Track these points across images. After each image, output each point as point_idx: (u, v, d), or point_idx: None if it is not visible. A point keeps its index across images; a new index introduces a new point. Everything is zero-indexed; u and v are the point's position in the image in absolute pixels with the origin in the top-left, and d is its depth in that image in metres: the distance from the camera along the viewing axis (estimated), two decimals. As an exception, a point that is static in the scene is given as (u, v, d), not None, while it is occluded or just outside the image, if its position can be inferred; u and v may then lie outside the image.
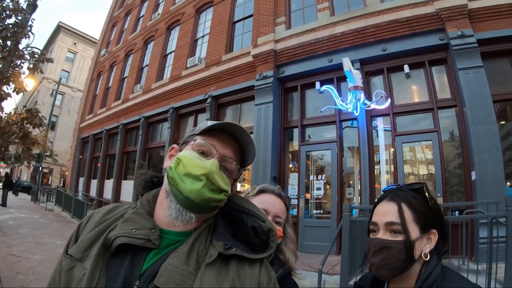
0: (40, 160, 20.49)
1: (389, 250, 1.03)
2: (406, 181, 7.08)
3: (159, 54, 14.76)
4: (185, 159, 0.87)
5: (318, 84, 8.60)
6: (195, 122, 11.96)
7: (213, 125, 0.90)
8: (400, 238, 1.04)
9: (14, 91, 6.89)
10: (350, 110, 7.75)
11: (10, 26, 6.68)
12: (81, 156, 19.56)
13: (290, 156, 9.57)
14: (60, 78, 29.38)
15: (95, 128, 18.17)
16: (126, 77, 17.12)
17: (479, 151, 6.24)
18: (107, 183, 16.15)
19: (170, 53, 14.46)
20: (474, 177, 6.29)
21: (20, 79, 6.88)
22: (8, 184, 17.87)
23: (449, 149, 7.31)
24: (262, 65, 9.66)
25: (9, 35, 6.60)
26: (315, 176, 8.68)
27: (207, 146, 0.90)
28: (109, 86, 18.80)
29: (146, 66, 15.69)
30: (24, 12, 6.73)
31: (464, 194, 6.72)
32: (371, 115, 7.92)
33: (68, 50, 43.71)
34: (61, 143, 38.02)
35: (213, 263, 0.81)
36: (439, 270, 1.01)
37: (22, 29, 6.57)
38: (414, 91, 7.96)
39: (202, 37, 13.02)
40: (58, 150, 30.23)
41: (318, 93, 8.66)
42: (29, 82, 7.34)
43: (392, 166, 7.55)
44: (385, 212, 1.09)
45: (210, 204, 0.85)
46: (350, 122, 8.41)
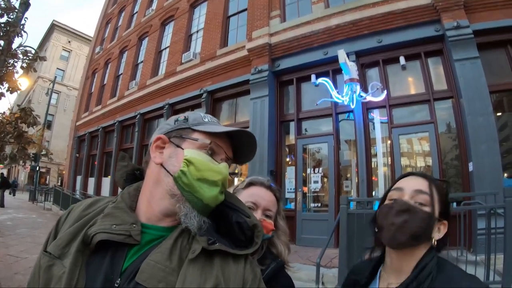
0: (37, 159, 20.39)
1: (414, 214, 1.00)
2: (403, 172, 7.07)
3: (154, 50, 14.68)
4: (197, 162, 0.84)
5: (313, 77, 8.56)
6: (191, 117, 11.88)
7: (230, 131, 0.89)
8: (426, 209, 1.01)
9: (7, 91, 6.85)
10: (346, 103, 7.73)
11: (2, 25, 6.61)
12: (78, 154, 19.49)
13: (287, 149, 9.56)
14: (55, 77, 29.29)
15: (91, 126, 18.10)
16: (121, 74, 17.03)
17: (476, 142, 6.24)
18: (105, 181, 16.12)
19: (165, 49, 14.38)
20: (471, 168, 6.29)
21: (13, 78, 6.83)
22: (4, 184, 17.81)
23: (446, 140, 7.31)
24: (257, 59, 9.61)
25: (1, 34, 6.53)
26: (312, 169, 8.67)
27: (216, 148, 0.88)
28: (104, 83, 18.71)
29: (141, 62, 15.60)
30: (16, 11, 6.66)
31: (461, 185, 6.72)
32: (367, 108, 7.90)
33: (62, 49, 43.48)
34: (57, 142, 37.97)
35: (196, 259, 0.78)
36: (435, 262, 0.98)
37: (15, 28, 6.50)
38: (410, 83, 7.94)
39: (197, 32, 12.94)
40: (54, 149, 30.25)
41: (313, 86, 8.63)
42: (23, 82, 7.29)
43: (389, 158, 7.54)
44: (416, 182, 1.07)
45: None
46: (347, 114, 8.39)
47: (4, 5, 6.52)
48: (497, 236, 4.19)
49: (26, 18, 6.69)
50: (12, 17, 6.60)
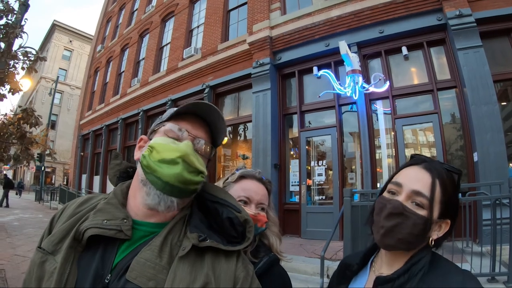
0: (42, 160, 20.51)
1: (406, 219, 0.92)
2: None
3: (155, 47, 14.68)
4: (158, 146, 0.85)
5: (315, 69, 8.52)
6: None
7: (179, 109, 0.89)
8: (422, 213, 0.93)
9: (9, 92, 6.86)
10: (348, 94, 7.68)
11: (2, 27, 6.61)
12: (82, 153, 19.61)
13: (291, 142, 9.55)
14: (57, 77, 29.33)
15: (95, 124, 18.20)
16: (123, 71, 17.05)
17: (481, 132, 6.19)
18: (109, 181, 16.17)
19: (166, 45, 14.36)
20: (476, 158, 6.24)
21: (15, 80, 6.84)
22: (8, 184, 17.98)
23: (450, 130, 7.25)
24: (258, 52, 9.57)
25: (1, 36, 6.53)
26: (316, 162, 8.65)
27: (177, 129, 0.88)
28: (106, 81, 18.74)
29: (143, 59, 15.61)
30: (15, 12, 6.65)
31: (467, 176, 6.66)
32: (370, 99, 7.86)
33: (64, 48, 43.53)
34: (62, 142, 38.17)
35: (186, 256, 0.78)
36: (429, 257, 0.94)
37: (14, 29, 6.49)
38: (413, 73, 7.87)
39: (197, 27, 12.90)
40: (59, 149, 30.45)
41: (316, 78, 8.58)
42: (25, 83, 7.30)
43: (393, 149, 7.50)
44: (417, 178, 0.97)
45: (189, 187, 0.84)
46: (350, 106, 8.35)
47: (3, 7, 6.51)
48: (502, 226, 4.16)
49: (26, 19, 6.68)
50: (11, 19, 6.59)
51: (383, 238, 0.96)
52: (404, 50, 7.54)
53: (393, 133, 7.52)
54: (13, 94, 6.88)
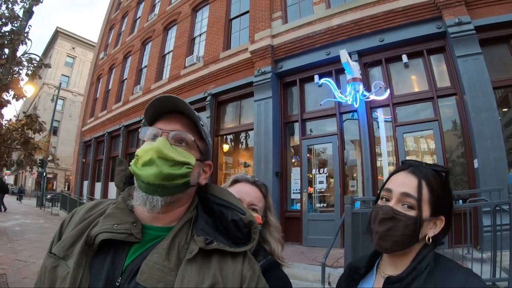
0: (43, 165, 20.54)
1: (397, 222, 0.99)
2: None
3: (158, 55, 14.77)
4: (139, 152, 0.87)
5: (316, 77, 8.56)
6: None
7: (147, 111, 0.93)
8: (412, 213, 1.00)
9: (13, 98, 6.92)
10: (349, 102, 7.72)
11: (7, 34, 6.70)
12: (84, 159, 19.60)
13: (292, 150, 9.56)
14: (60, 83, 29.45)
15: (97, 131, 18.22)
16: (126, 79, 17.13)
17: (481, 139, 6.20)
18: (111, 186, 16.15)
19: (168, 53, 14.44)
20: (476, 165, 6.25)
21: (19, 86, 6.91)
22: (2, 189, 17.99)
23: (450, 138, 7.27)
24: (260, 61, 9.63)
25: (6, 43, 6.62)
26: (318, 169, 8.66)
27: (154, 130, 0.90)
28: (109, 88, 18.81)
29: (145, 67, 15.69)
30: (20, 19, 6.75)
31: (467, 183, 6.68)
32: (371, 107, 7.89)
33: (67, 55, 43.89)
34: (64, 148, 38.22)
35: (194, 259, 0.81)
36: (432, 256, 1.00)
37: (19, 36, 6.58)
38: (413, 81, 7.92)
39: (200, 35, 13.00)
40: (61, 155, 30.44)
41: (317, 86, 8.62)
42: (28, 89, 7.37)
43: (394, 157, 7.51)
44: (403, 183, 1.04)
45: (175, 182, 0.85)
46: (351, 114, 8.37)
47: (8, 14, 6.61)
48: (502, 233, 4.16)
49: (30, 26, 6.79)
50: (16, 25, 6.69)
51: (380, 242, 1.03)
52: (404, 58, 7.58)
53: (393, 140, 7.54)
54: (17, 100, 6.95)
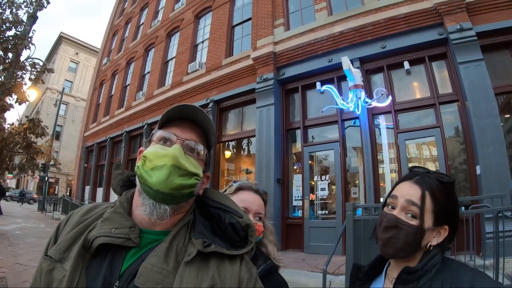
0: (46, 170, 20.59)
1: (399, 230, 1.04)
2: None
3: (160, 61, 14.86)
4: (149, 154, 0.86)
5: (318, 84, 8.57)
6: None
7: (165, 115, 0.91)
8: (414, 222, 1.04)
9: (16, 102, 6.96)
10: (351, 109, 7.73)
11: (11, 38, 6.76)
12: (86, 165, 19.63)
13: (294, 157, 9.54)
14: (63, 88, 29.70)
15: (99, 136, 18.28)
16: (128, 85, 17.23)
17: (483, 145, 6.18)
18: (113, 191, 16.16)
19: (171, 59, 14.54)
20: (479, 171, 6.21)
21: (22, 90, 6.95)
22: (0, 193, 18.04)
23: (453, 144, 7.24)
24: (262, 67, 9.67)
25: (9, 47, 6.68)
26: (319, 176, 8.63)
27: (167, 135, 0.89)
28: (111, 94, 18.92)
29: (148, 73, 15.79)
30: (24, 24, 6.81)
31: (469, 189, 6.64)
32: (373, 113, 7.89)
33: (70, 60, 44.18)
34: (66, 153, 38.34)
35: (192, 261, 0.81)
36: (440, 257, 1.04)
37: (23, 40, 6.64)
38: (415, 88, 7.92)
39: (202, 42, 13.08)
40: (63, 160, 30.54)
41: (319, 93, 8.63)
42: (31, 93, 7.41)
43: (396, 164, 7.49)
44: (408, 192, 1.08)
45: (182, 191, 0.85)
46: (352, 121, 8.37)
47: (12, 18, 6.67)
48: (505, 239, 4.13)
49: (34, 30, 6.84)
50: (20, 30, 6.74)
51: (383, 248, 1.09)
52: (406, 64, 7.59)
53: (395, 147, 7.52)
54: (20, 104, 6.99)
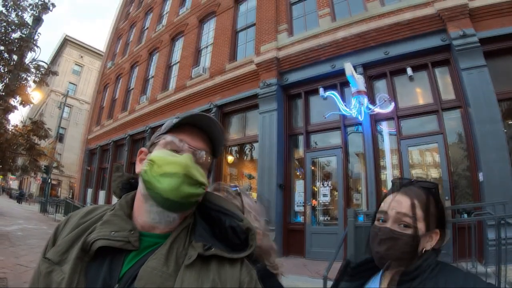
0: (48, 172, 20.63)
1: (396, 241, 1.06)
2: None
3: (164, 65, 14.92)
4: (158, 159, 0.85)
5: (321, 90, 8.60)
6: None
7: (178, 120, 0.90)
8: (409, 231, 1.07)
9: (20, 104, 7.00)
10: (354, 115, 7.73)
11: (16, 40, 6.80)
12: (88, 167, 19.63)
13: (296, 162, 9.52)
14: (67, 91, 29.81)
15: (102, 139, 18.29)
16: (132, 88, 17.28)
17: (485, 151, 6.15)
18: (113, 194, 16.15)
19: (175, 63, 14.60)
20: (481, 178, 6.18)
21: (26, 92, 6.99)
22: None
23: (455, 150, 7.21)
24: (265, 73, 9.69)
25: (14, 49, 6.72)
26: (322, 182, 8.61)
27: (177, 141, 0.88)
28: (115, 97, 18.98)
29: (152, 77, 15.85)
30: (29, 26, 6.86)
31: (472, 196, 6.60)
32: (376, 119, 7.88)
33: (74, 63, 44.42)
34: (69, 155, 38.40)
35: (193, 264, 0.80)
36: (434, 259, 1.06)
37: (27, 43, 6.68)
38: (418, 94, 7.91)
39: (206, 47, 13.14)
40: (66, 162, 30.62)
41: (322, 99, 8.66)
42: (35, 95, 7.45)
43: (398, 170, 7.46)
44: (397, 204, 1.11)
45: (190, 199, 0.85)
46: (355, 127, 8.37)
47: (17, 21, 6.71)
48: (507, 246, 4.11)
49: (39, 33, 6.88)
50: (25, 32, 6.79)
51: (381, 261, 1.11)
52: (409, 71, 7.60)
53: (398, 153, 7.50)
54: (24, 106, 7.03)
